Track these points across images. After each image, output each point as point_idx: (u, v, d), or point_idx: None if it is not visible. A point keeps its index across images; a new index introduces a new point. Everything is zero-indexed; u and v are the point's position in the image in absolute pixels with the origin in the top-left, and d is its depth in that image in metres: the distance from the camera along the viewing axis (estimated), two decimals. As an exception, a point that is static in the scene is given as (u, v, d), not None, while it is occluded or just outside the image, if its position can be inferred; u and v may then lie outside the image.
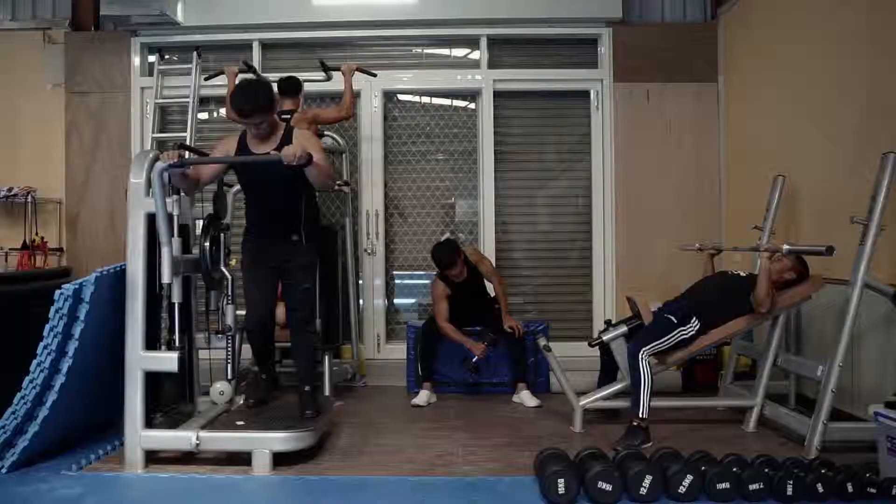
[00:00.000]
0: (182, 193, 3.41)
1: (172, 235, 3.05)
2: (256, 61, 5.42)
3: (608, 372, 3.93)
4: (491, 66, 5.47)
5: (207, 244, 3.28)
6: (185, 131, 5.01)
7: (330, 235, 4.92)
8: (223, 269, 3.39)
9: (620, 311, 5.28)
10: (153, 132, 5.18)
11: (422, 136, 5.58)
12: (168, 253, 2.98)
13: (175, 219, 3.10)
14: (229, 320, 3.41)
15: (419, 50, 5.65)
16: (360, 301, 5.38)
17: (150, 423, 3.11)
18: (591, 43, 5.52)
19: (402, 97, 5.58)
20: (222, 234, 3.41)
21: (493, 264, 5.12)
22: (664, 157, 5.37)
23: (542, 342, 3.83)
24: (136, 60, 5.49)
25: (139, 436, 3.01)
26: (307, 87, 4.92)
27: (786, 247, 3.36)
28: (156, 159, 3.04)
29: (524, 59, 5.57)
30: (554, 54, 5.58)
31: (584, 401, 3.67)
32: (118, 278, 3.06)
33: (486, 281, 4.60)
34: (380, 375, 5.16)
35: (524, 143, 5.59)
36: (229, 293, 3.40)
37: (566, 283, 5.58)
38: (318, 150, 3.18)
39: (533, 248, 5.59)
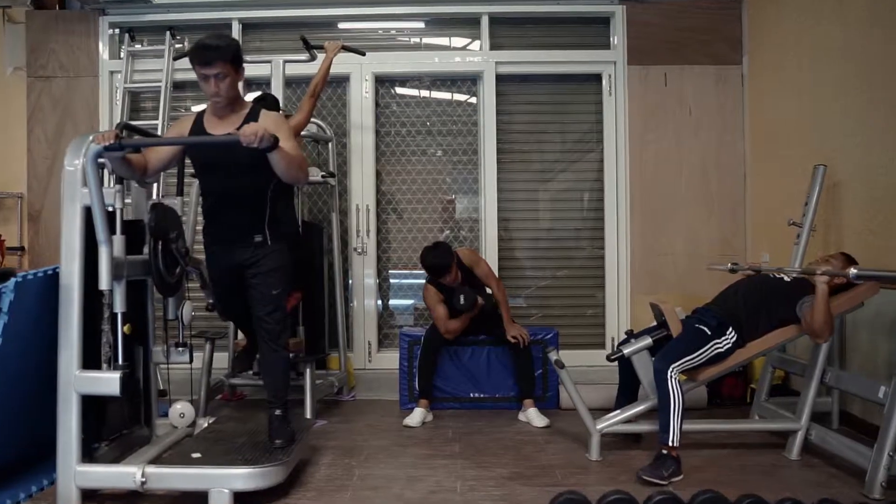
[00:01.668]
0: (132, 183, 2.95)
1: (114, 233, 2.56)
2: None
3: (628, 389, 3.44)
4: (493, 47, 4.97)
5: (159, 246, 2.78)
6: (158, 119, 4.58)
7: (315, 233, 4.45)
8: (190, 268, 2.91)
9: (635, 315, 4.81)
10: (123, 120, 4.70)
11: (417, 124, 5.09)
12: (107, 253, 2.48)
13: (119, 213, 2.62)
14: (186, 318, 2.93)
15: (414, 29, 5.16)
16: (353, 303, 4.89)
17: (89, 455, 2.63)
18: (602, 22, 5.03)
19: (394, 81, 5.08)
20: (179, 239, 2.92)
21: (496, 265, 4.65)
22: (683, 146, 4.88)
23: (552, 356, 3.33)
24: (105, 42, 5.00)
25: (74, 472, 2.51)
26: (289, 70, 4.44)
27: (853, 271, 2.66)
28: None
29: (529, 39, 5.07)
30: (562, 34, 5.09)
31: (602, 424, 3.18)
32: (51, 284, 2.57)
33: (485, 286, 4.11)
34: (370, 388, 4.68)
35: (529, 132, 5.09)
36: (200, 279, 2.94)
37: (575, 285, 5.08)
38: (289, 138, 2.69)
39: (539, 248, 5.09)
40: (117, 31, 5.06)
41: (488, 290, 4.10)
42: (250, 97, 3.63)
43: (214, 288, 3.01)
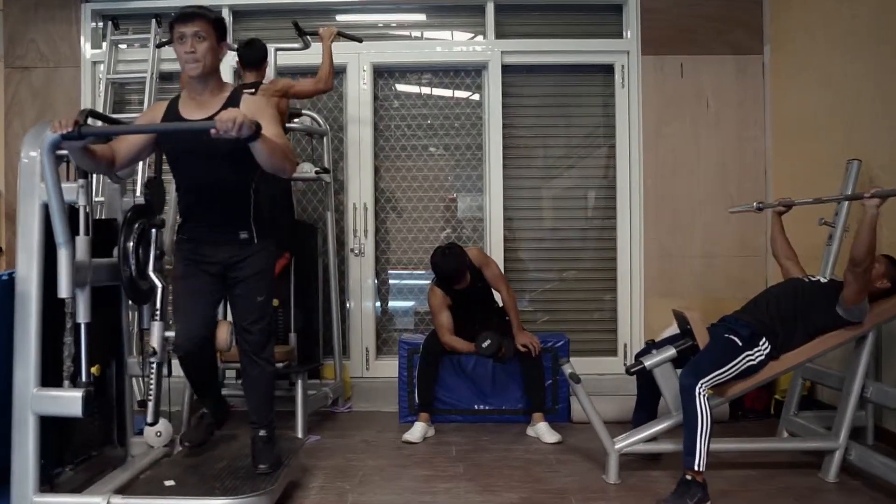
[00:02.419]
0: (105, 179, 2.67)
1: (77, 233, 2.28)
2: (227, 72, 4.63)
3: (647, 403, 3.16)
4: (498, 36, 4.68)
5: (132, 244, 2.50)
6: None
7: (308, 233, 4.17)
8: (153, 276, 2.61)
9: (649, 321, 4.54)
10: (106, 112, 4.42)
11: (418, 118, 4.80)
12: (66, 257, 2.19)
13: (83, 211, 2.33)
14: (155, 342, 2.62)
15: (415, 21, 4.87)
16: (349, 305, 4.61)
17: (50, 482, 2.34)
18: (614, 9, 4.74)
19: (394, 73, 4.79)
20: (155, 233, 2.63)
21: (501, 266, 4.35)
22: (700, 141, 4.59)
23: (566, 369, 3.03)
24: (87, 30, 4.71)
25: (30, 502, 2.23)
26: (281, 60, 4.15)
27: None
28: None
29: (537, 28, 4.77)
30: (572, 22, 4.79)
31: (622, 444, 2.89)
32: (5, 291, 2.29)
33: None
34: (368, 398, 4.39)
35: (537, 126, 4.80)
36: (157, 307, 2.61)
37: (585, 287, 4.79)
38: (274, 123, 2.40)
39: (546, 248, 4.80)
40: (100, 19, 4.77)
41: (496, 294, 3.82)
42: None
43: (182, 289, 2.63)
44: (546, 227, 4.82)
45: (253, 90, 3.58)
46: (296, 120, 4.16)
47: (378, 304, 4.74)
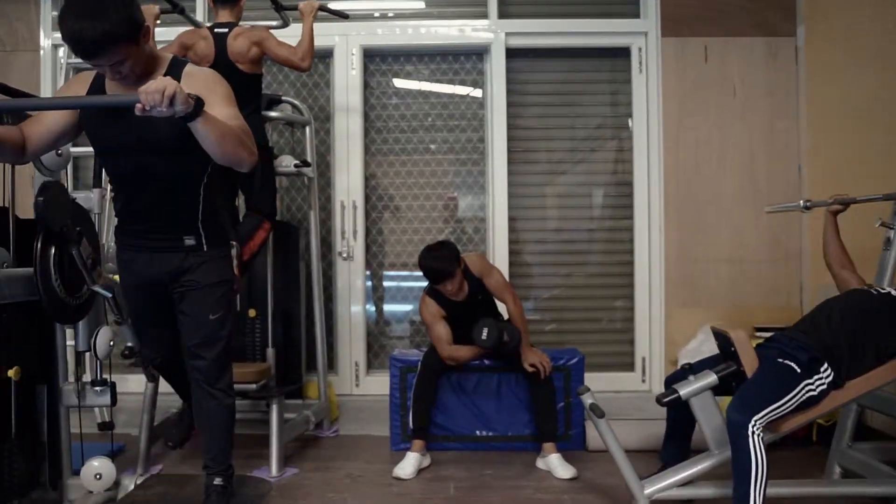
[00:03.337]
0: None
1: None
2: (199, 11, 4.18)
3: (678, 434, 2.69)
4: (502, 15, 4.21)
5: (52, 253, 2.04)
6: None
7: (289, 234, 3.71)
8: (99, 289, 2.15)
9: (669, 332, 4.10)
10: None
11: (413, 107, 4.34)
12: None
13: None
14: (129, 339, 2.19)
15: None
16: (336, 315, 4.15)
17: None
18: (632, -15, 4.28)
19: (386, 57, 4.31)
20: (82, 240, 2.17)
21: (505, 273, 3.88)
22: (727, 132, 4.13)
23: (587, 399, 2.55)
24: (48, 11, 4.25)
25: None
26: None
27: None
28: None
29: (544, 6, 4.29)
30: (584, 0, 4.33)
31: (652, 489, 2.41)
32: None
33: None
34: (357, 419, 3.92)
35: (545, 116, 4.33)
36: (118, 312, 2.17)
37: (598, 295, 4.33)
38: (226, 102, 1.93)
39: (555, 251, 4.34)
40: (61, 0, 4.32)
41: (501, 306, 3.35)
42: None
43: (130, 306, 2.23)
44: (554, 227, 4.36)
45: (226, 30, 3.14)
46: (275, 108, 3.69)
47: (370, 312, 4.28)
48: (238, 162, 1.92)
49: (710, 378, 2.41)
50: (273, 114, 3.55)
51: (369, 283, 4.29)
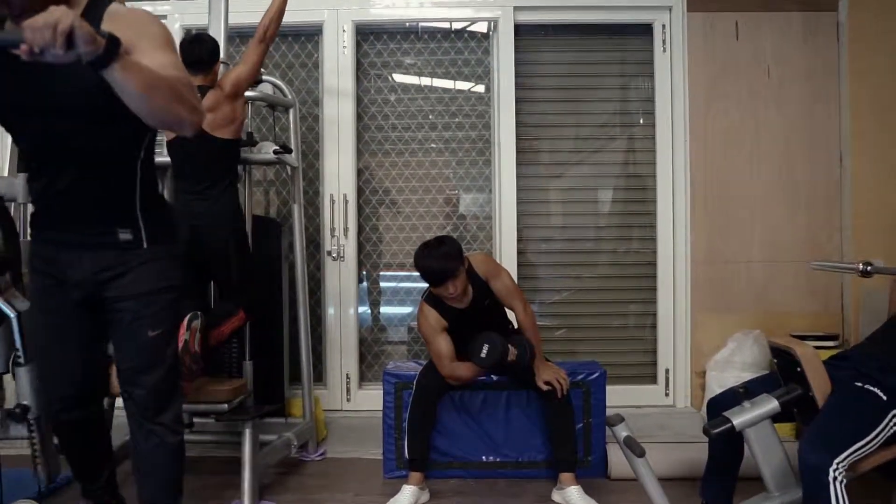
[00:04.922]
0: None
1: None
2: None
3: (723, 468, 2.27)
4: (510, -12, 3.80)
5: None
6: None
7: (270, 232, 3.28)
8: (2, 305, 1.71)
9: (696, 341, 3.71)
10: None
11: (411, 90, 3.91)
12: None
13: None
14: (25, 394, 1.74)
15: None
16: (324, 321, 3.73)
17: None
18: (654, -45, 3.86)
19: (381, 34, 3.89)
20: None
21: (514, 275, 3.46)
22: (760, 118, 3.72)
23: (621, 432, 2.11)
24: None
25: None
26: (233, 19, 3.23)
27: None
28: None
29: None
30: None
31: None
32: None
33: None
34: (348, 438, 3.51)
35: (558, 100, 3.91)
36: (18, 346, 1.72)
37: (617, 299, 3.91)
38: (160, 47, 1.50)
39: (569, 251, 3.92)
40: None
41: (510, 314, 2.92)
42: None
43: (37, 321, 1.76)
44: (569, 225, 3.93)
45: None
46: (254, 88, 3.26)
47: (363, 318, 3.86)
48: (176, 121, 1.48)
49: (771, 405, 1.99)
50: (251, 93, 3.12)
51: (363, 285, 3.87)
